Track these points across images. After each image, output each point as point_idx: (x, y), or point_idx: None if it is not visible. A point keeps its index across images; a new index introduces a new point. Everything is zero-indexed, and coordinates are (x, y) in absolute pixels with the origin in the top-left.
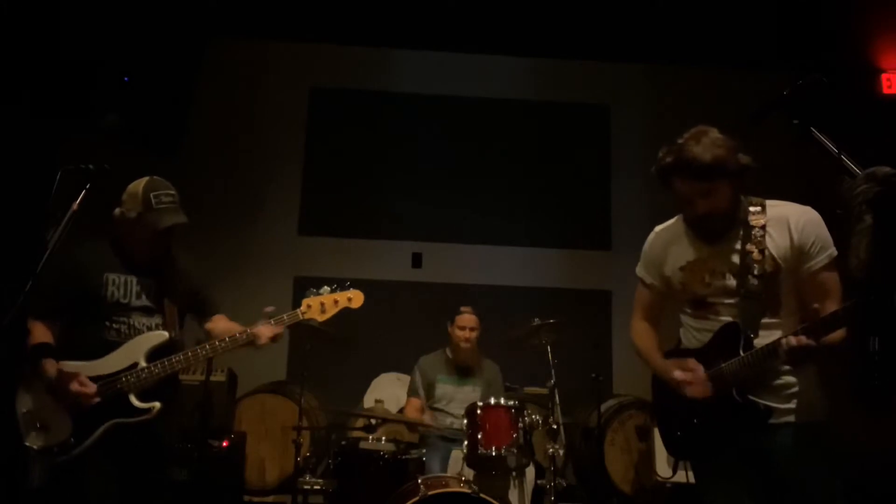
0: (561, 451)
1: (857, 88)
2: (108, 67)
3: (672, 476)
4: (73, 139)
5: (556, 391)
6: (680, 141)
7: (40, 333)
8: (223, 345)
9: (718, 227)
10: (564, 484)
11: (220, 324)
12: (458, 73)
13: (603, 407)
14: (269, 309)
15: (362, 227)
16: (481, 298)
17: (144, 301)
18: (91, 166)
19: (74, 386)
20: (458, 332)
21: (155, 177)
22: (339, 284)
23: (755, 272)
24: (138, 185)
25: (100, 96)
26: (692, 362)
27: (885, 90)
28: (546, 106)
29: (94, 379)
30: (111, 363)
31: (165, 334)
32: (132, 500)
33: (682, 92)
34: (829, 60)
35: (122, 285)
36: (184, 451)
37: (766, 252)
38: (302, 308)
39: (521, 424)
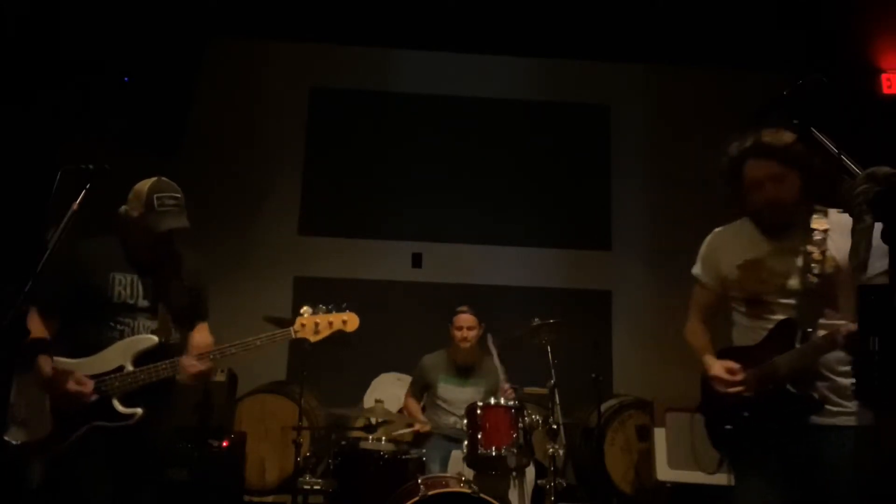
0: (561, 451)
1: (857, 88)
2: (108, 67)
3: (715, 472)
4: (73, 139)
5: (556, 391)
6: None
7: (37, 327)
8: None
9: (781, 221)
10: (564, 484)
11: (196, 335)
12: (458, 73)
13: (603, 407)
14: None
15: (362, 227)
16: (481, 298)
17: (148, 302)
18: (91, 166)
19: (71, 385)
20: (457, 333)
21: (163, 178)
22: (336, 305)
23: (815, 272)
24: (144, 184)
25: (100, 96)
26: (734, 365)
27: (885, 90)
28: (546, 106)
29: None
30: (98, 364)
31: (155, 339)
32: (128, 501)
33: (682, 92)
34: (829, 60)
35: (129, 285)
36: (184, 451)
37: (827, 254)
38: (295, 326)
39: (521, 424)
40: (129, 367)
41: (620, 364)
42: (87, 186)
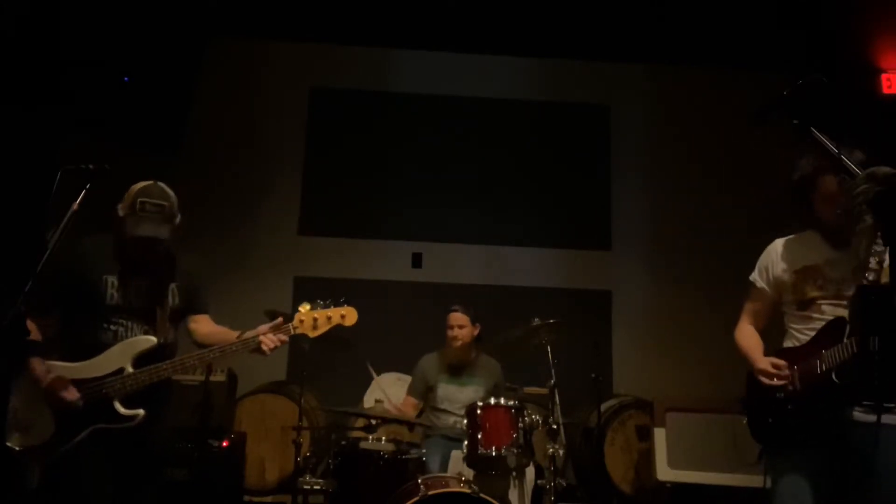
0: (561, 451)
1: (857, 88)
2: (108, 67)
3: (758, 460)
4: (73, 139)
5: (556, 391)
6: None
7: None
8: (213, 354)
9: (850, 233)
10: (564, 484)
11: (204, 325)
12: (458, 73)
13: (603, 407)
14: (279, 320)
15: (362, 227)
16: (481, 298)
17: (141, 303)
18: (91, 166)
19: (60, 390)
20: (448, 332)
21: (158, 183)
22: (334, 300)
23: (870, 278)
24: (137, 185)
25: (100, 97)
26: (781, 361)
27: (885, 90)
28: (546, 106)
29: (79, 382)
30: (98, 366)
31: (153, 339)
32: (128, 501)
33: (682, 92)
34: (829, 60)
35: (121, 286)
36: (184, 451)
37: (884, 265)
38: (294, 322)
39: (521, 424)
40: (130, 369)
41: (620, 364)
42: (87, 186)
